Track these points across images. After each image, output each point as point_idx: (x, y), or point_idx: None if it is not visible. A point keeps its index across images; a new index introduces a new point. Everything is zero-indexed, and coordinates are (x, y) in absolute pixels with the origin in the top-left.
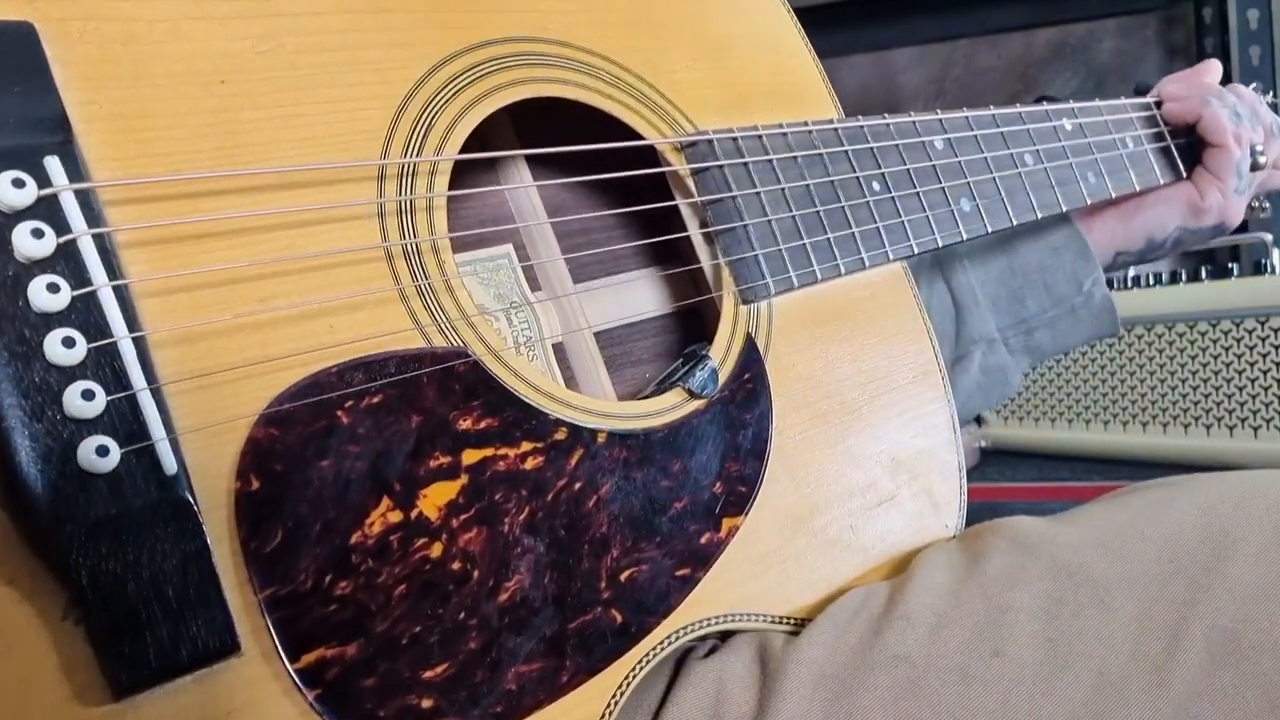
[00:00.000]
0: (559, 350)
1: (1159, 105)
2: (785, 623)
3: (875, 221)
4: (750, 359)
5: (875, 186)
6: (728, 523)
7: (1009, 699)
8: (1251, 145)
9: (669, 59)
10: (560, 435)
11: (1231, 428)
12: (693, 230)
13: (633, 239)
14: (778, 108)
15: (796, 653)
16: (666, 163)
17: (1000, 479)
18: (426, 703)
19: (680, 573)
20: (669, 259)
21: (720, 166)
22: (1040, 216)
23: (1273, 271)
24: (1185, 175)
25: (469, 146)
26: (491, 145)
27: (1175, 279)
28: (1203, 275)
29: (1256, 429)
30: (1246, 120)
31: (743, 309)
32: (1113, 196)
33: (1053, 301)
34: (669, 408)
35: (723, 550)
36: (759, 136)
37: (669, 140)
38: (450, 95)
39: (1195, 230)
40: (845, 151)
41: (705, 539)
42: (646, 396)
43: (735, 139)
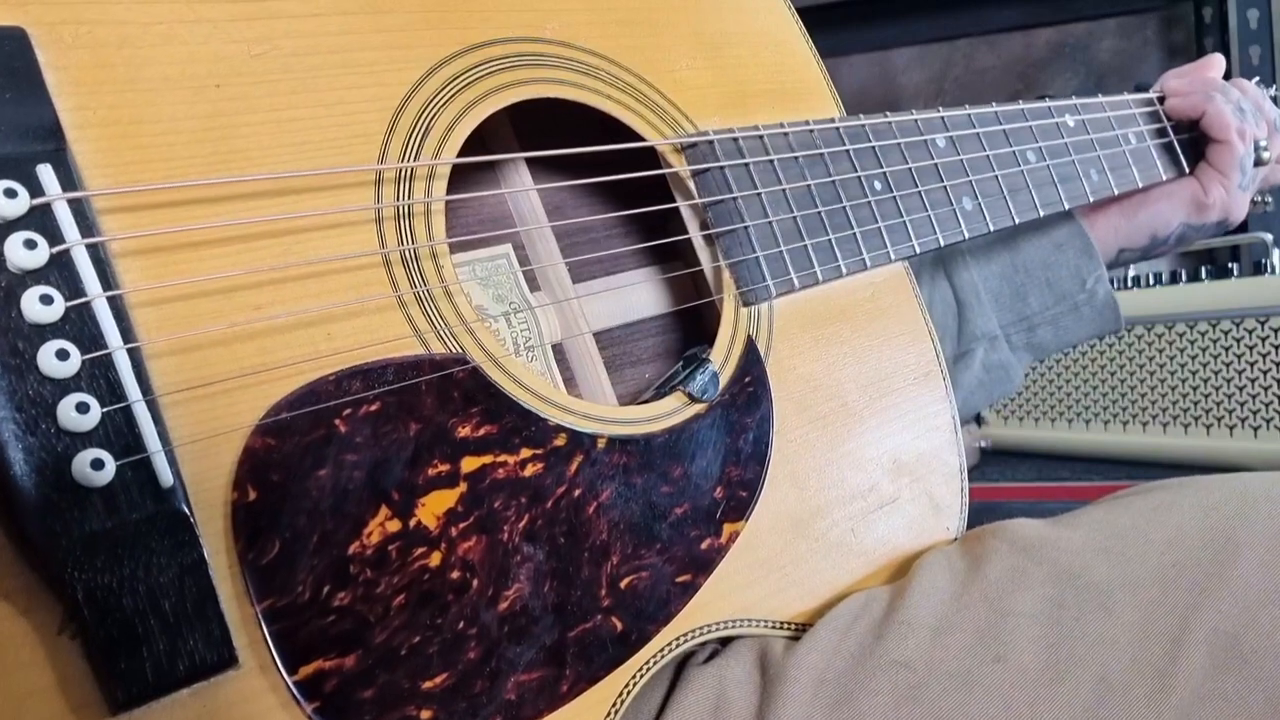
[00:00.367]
0: (558, 351)
1: (1162, 100)
2: (786, 628)
3: (877, 221)
4: (751, 362)
5: (877, 186)
6: (729, 528)
7: (1010, 705)
8: (1255, 140)
9: (669, 58)
10: (560, 441)
11: (1231, 428)
12: (693, 231)
13: (633, 240)
14: (779, 107)
15: (797, 658)
16: (667, 164)
17: (1000, 479)
18: (426, 714)
19: (681, 579)
20: (669, 259)
21: (721, 167)
22: (1043, 214)
23: (1273, 271)
24: (1189, 171)
25: (468, 146)
26: (491, 146)
27: (1175, 279)
28: (1203, 275)
29: (1256, 429)
30: (1250, 115)
31: (743, 311)
32: (1116, 193)
33: (1056, 298)
34: (669, 412)
35: (723, 556)
36: (760, 136)
37: (669, 141)
38: (448, 97)
39: (1199, 226)
40: (847, 151)
41: (706, 545)
42: (646, 401)
43: (736, 139)
